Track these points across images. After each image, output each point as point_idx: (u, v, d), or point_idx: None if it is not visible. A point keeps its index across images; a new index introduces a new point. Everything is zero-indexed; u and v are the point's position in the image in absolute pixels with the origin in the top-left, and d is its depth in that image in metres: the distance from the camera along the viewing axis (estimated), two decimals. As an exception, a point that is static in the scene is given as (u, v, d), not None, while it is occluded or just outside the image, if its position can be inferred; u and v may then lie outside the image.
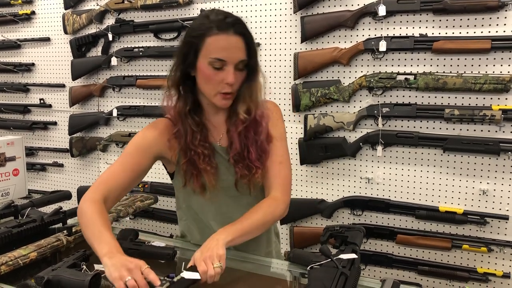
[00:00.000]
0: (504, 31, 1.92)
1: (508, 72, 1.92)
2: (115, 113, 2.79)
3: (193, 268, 1.10)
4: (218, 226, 1.28)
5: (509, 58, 1.92)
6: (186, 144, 1.32)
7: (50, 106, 3.09)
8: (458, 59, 2.01)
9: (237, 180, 1.37)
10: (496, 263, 2.03)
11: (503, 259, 2.01)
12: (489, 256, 2.04)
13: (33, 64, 3.11)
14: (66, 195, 1.88)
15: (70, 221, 1.59)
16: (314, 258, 1.20)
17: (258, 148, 1.35)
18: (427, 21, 2.04)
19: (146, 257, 1.33)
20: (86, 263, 1.22)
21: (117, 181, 1.30)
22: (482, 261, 2.06)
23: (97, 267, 1.21)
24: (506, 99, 1.94)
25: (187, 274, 1.07)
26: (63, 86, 3.01)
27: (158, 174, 2.75)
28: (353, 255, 1.22)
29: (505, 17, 1.91)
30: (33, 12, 3.05)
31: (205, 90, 1.29)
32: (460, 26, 1.99)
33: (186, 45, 1.28)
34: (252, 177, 1.35)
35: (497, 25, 1.93)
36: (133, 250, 1.30)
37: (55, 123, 3.09)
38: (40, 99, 3.10)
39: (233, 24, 1.23)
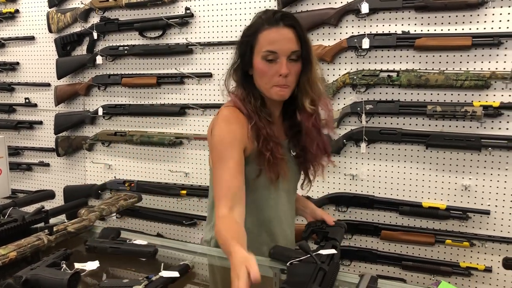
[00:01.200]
0: (485, 28, 1.94)
1: (489, 68, 1.95)
2: (100, 112, 2.78)
3: None
4: (276, 220, 1.40)
5: (490, 55, 1.94)
6: (268, 135, 1.33)
7: (35, 105, 3.07)
8: (440, 56, 2.03)
9: (299, 175, 1.48)
10: (478, 258, 2.06)
11: (485, 253, 2.04)
12: (471, 251, 2.06)
13: (17, 63, 3.09)
14: (50, 195, 1.88)
15: (52, 220, 1.59)
16: (294, 254, 1.21)
17: (321, 143, 1.43)
18: (409, 18, 2.06)
19: (127, 255, 1.34)
20: (66, 262, 1.23)
21: (234, 185, 1.26)
22: (464, 256, 2.08)
23: (77, 265, 1.22)
24: (487, 95, 1.97)
25: (165, 273, 1.08)
26: (48, 85, 3.00)
27: (144, 172, 2.76)
28: (332, 251, 1.23)
29: (485, 14, 1.93)
30: (17, 11, 3.03)
31: (261, 85, 1.33)
32: (442, 23, 2.01)
33: (242, 45, 1.34)
34: (312, 174, 1.47)
35: (478, 22, 1.95)
36: (113, 248, 1.30)
37: (40, 123, 3.07)
38: (26, 99, 3.08)
39: (282, 18, 1.29)
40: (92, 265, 1.23)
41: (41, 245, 1.35)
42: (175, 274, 1.08)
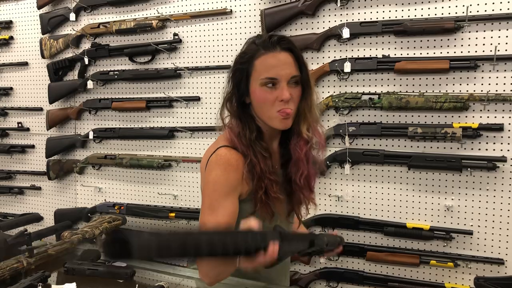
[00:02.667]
0: (462, 52, 1.99)
1: (467, 90, 1.99)
2: (91, 136, 2.82)
3: None
4: None
5: (467, 78, 1.99)
6: (261, 172, 1.26)
7: (28, 129, 3.11)
8: (420, 78, 2.07)
9: (294, 207, 1.39)
10: (463, 278, 2.06)
11: (470, 274, 2.04)
12: (456, 271, 2.07)
13: (11, 88, 3.14)
14: (35, 218, 1.90)
15: (36, 243, 1.61)
16: None
17: (307, 176, 1.33)
18: (389, 42, 2.12)
19: (104, 277, 1.36)
20: (44, 284, 1.24)
21: None
22: (450, 276, 2.09)
23: (54, 287, 1.23)
24: (466, 117, 2.00)
25: None
26: (40, 109, 3.05)
27: (134, 195, 2.78)
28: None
29: (462, 38, 1.98)
30: (11, 37, 3.10)
31: (263, 114, 1.26)
32: (421, 47, 2.06)
33: (236, 72, 1.28)
34: (308, 204, 1.39)
35: (455, 46, 2.00)
36: (91, 270, 1.32)
37: (33, 146, 3.11)
38: (18, 123, 3.12)
39: (278, 42, 1.24)
40: (69, 287, 1.25)
41: (21, 267, 1.36)
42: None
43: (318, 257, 2.19)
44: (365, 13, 2.14)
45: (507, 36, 1.91)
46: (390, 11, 2.10)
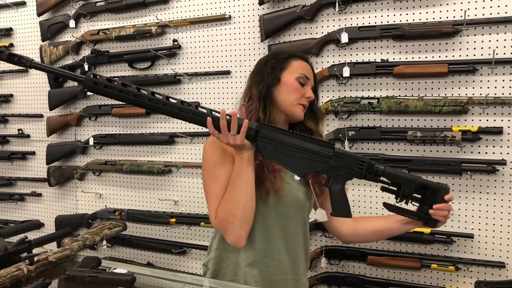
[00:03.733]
0: (460, 56, 2.00)
1: (466, 94, 1.99)
2: (91, 142, 2.83)
3: None
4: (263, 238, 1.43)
5: (466, 81, 1.99)
6: None
7: (28, 136, 3.12)
8: (419, 82, 2.08)
9: (307, 203, 1.51)
10: (464, 282, 2.06)
11: (471, 277, 2.04)
12: (457, 275, 2.07)
13: (11, 95, 3.15)
14: (36, 225, 1.90)
15: (37, 250, 1.60)
16: None
17: None
18: (387, 47, 2.12)
19: (105, 284, 1.36)
20: (44, 291, 1.24)
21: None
22: (451, 280, 2.09)
23: (55, 295, 1.23)
24: (465, 120, 2.01)
25: None
26: (41, 116, 3.05)
27: (134, 201, 2.78)
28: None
29: (460, 42, 1.99)
30: (11, 45, 3.11)
31: (288, 100, 1.45)
32: (419, 51, 2.07)
33: (271, 65, 1.48)
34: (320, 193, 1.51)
35: (453, 50, 2.01)
36: (92, 277, 1.32)
37: (33, 153, 3.11)
38: (19, 130, 3.13)
39: (307, 58, 1.54)
40: (70, 294, 1.25)
41: (21, 275, 1.36)
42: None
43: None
44: (363, 17, 2.15)
45: (505, 40, 1.92)
46: (388, 15, 2.11)
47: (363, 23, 2.15)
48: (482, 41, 1.95)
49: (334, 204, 1.35)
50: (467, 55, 1.99)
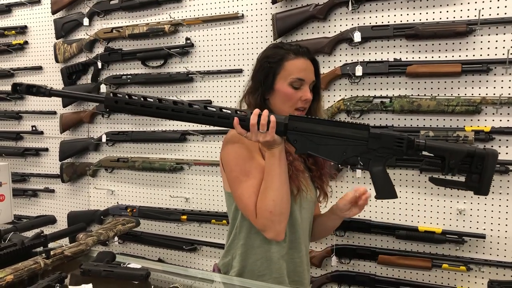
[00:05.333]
0: (474, 55, 1.99)
1: (479, 94, 1.99)
2: (104, 139, 2.85)
3: None
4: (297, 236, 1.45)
5: (479, 81, 1.99)
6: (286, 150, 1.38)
7: (42, 132, 3.15)
8: (432, 82, 2.07)
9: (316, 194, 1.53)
10: (475, 282, 2.05)
11: (482, 278, 2.03)
12: (468, 275, 2.06)
13: (25, 92, 3.19)
14: (50, 220, 1.92)
15: (51, 245, 1.63)
16: None
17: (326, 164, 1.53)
18: (400, 46, 2.12)
19: (120, 279, 1.38)
20: (61, 285, 1.26)
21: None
22: (462, 280, 2.08)
23: (71, 288, 1.25)
24: (478, 120, 2.00)
25: None
26: (54, 113, 3.09)
27: (146, 198, 2.80)
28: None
29: (474, 42, 1.98)
30: (26, 42, 3.15)
31: (283, 108, 1.40)
32: (432, 50, 2.07)
33: (263, 70, 1.43)
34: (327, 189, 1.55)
35: (467, 49, 2.00)
36: (107, 271, 1.34)
37: (46, 150, 3.15)
38: (32, 126, 3.17)
39: (307, 52, 1.44)
40: (85, 288, 1.27)
41: (38, 269, 1.38)
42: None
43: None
44: (376, 17, 2.15)
45: (519, 40, 1.91)
46: (401, 14, 2.10)
47: (376, 22, 2.15)
48: (496, 41, 1.95)
49: (377, 187, 1.33)
50: (480, 55, 1.98)
